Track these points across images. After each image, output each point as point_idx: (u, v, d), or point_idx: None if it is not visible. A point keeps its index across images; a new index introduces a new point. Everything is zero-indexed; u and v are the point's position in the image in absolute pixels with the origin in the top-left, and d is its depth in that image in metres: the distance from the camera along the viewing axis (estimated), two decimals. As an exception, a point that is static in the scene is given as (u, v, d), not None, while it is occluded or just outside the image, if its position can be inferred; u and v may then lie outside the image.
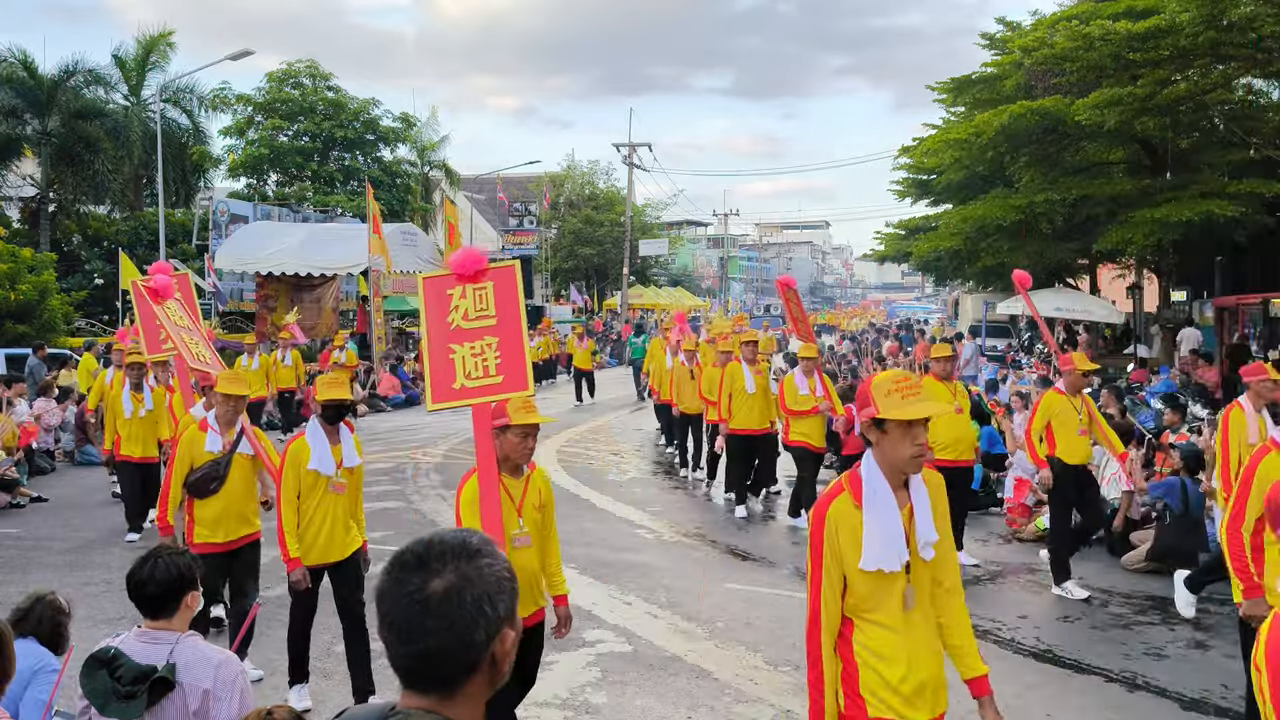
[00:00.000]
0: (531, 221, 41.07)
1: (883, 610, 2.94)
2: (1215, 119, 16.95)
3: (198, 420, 6.27)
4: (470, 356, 4.11)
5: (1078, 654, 6.21)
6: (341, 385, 5.42)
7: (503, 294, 4.21)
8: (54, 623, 3.70)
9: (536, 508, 4.31)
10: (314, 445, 5.30)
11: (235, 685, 2.97)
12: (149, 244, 25.63)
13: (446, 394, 4.10)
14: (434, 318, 4.17)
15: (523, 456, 4.23)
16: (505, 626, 1.42)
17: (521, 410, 4.15)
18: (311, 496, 5.30)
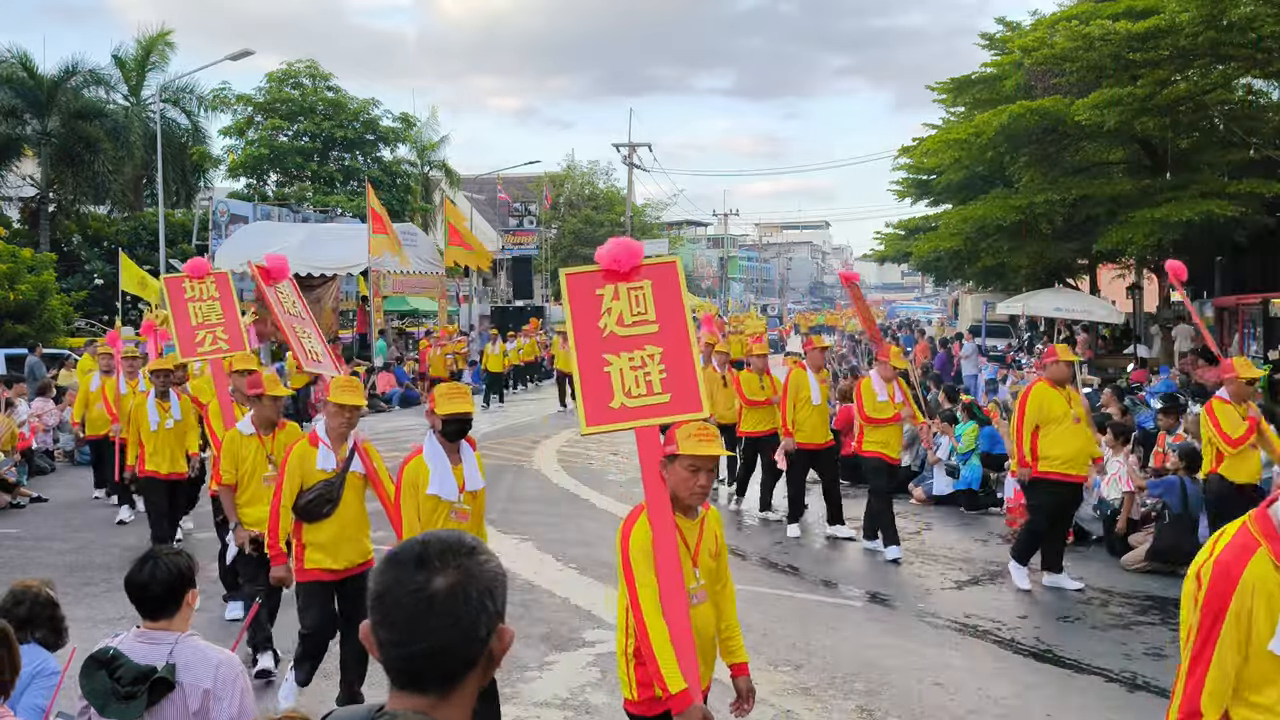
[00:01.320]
0: (531, 221, 41.08)
1: (1267, 691, 2.35)
2: (1215, 119, 16.95)
3: (246, 434, 5.99)
4: (629, 370, 3.54)
5: (1078, 654, 6.20)
6: (464, 397, 4.68)
7: (663, 295, 3.64)
8: (49, 618, 3.66)
9: (712, 555, 3.56)
10: (433, 466, 4.57)
11: (235, 685, 2.97)
12: (149, 244, 25.65)
13: (603, 414, 3.52)
14: (582, 322, 3.61)
15: (694, 495, 3.41)
16: (499, 623, 1.44)
17: (694, 438, 3.36)
18: (430, 526, 4.49)
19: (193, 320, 6.82)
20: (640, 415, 3.52)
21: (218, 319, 6.81)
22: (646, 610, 3.25)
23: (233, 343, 6.80)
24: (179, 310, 6.85)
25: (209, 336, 6.80)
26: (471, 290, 35.60)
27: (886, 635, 6.58)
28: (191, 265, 7.06)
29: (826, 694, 5.57)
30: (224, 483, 5.92)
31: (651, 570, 3.30)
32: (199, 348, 6.80)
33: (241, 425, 6.04)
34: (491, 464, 13.54)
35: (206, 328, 6.81)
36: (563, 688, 5.65)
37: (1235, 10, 13.17)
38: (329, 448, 5.11)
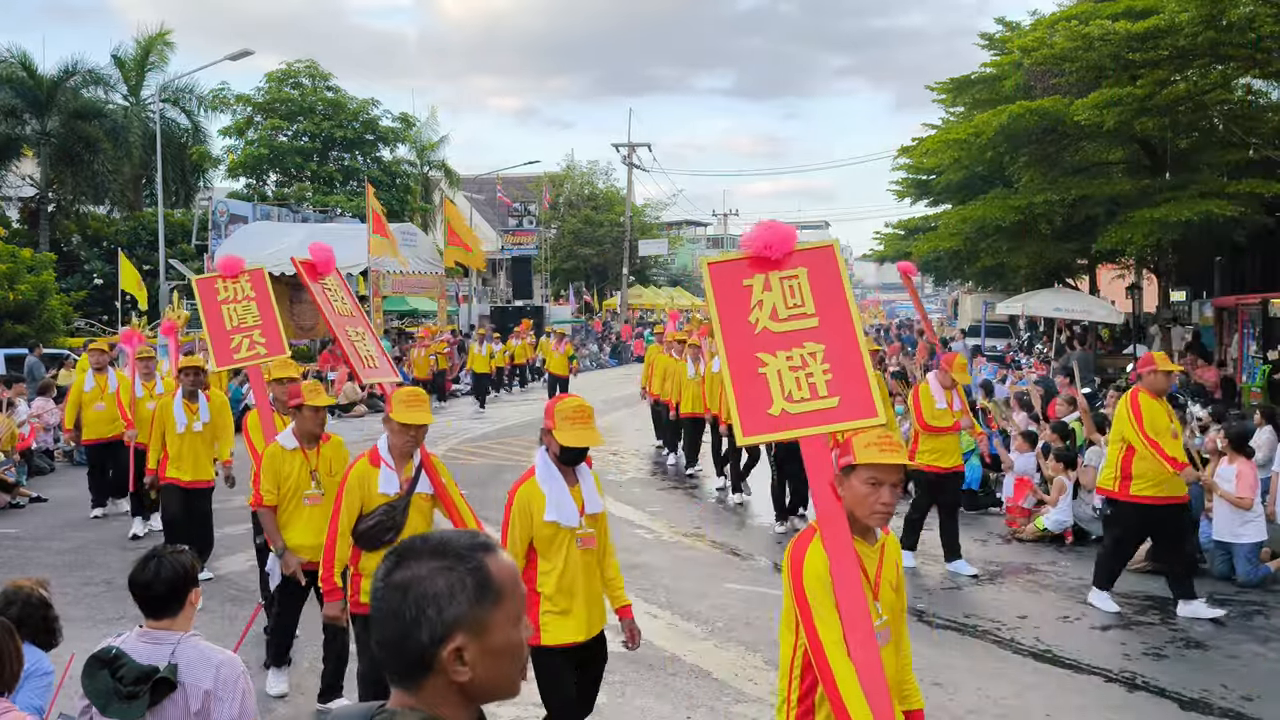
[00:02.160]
0: (531, 221, 41.07)
1: None
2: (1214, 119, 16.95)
3: (288, 448, 5.45)
4: (788, 371, 3.14)
5: (1077, 654, 6.20)
6: (591, 427, 4.05)
7: (822, 283, 3.23)
8: (44, 619, 3.65)
9: (894, 587, 3.07)
10: (549, 489, 4.01)
11: (237, 686, 2.97)
12: (148, 244, 25.66)
13: (761, 423, 3.12)
14: (730, 318, 3.22)
15: (874, 514, 2.94)
16: (455, 632, 1.41)
17: (875, 447, 2.92)
18: (553, 555, 4.00)
19: (228, 324, 6.18)
20: (805, 423, 3.09)
21: (254, 321, 6.21)
22: (831, 652, 2.80)
23: (271, 347, 6.18)
24: (212, 314, 6.20)
25: (245, 341, 6.14)
26: (471, 290, 35.60)
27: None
28: (224, 263, 6.41)
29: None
30: (265, 503, 5.37)
31: (832, 604, 2.84)
32: (235, 354, 6.13)
33: (283, 439, 5.50)
34: (491, 464, 13.56)
35: (242, 331, 6.16)
36: (562, 688, 5.64)
37: (1235, 10, 13.16)
38: (392, 469, 4.58)
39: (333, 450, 5.58)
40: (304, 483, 5.42)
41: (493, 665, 1.44)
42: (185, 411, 7.79)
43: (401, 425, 4.53)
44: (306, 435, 5.47)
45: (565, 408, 4.00)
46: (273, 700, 5.46)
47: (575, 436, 3.94)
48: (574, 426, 3.95)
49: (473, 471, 12.65)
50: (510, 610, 1.47)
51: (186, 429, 7.74)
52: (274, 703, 5.45)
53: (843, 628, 2.84)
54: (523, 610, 1.50)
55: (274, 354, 6.22)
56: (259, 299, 6.32)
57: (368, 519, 4.55)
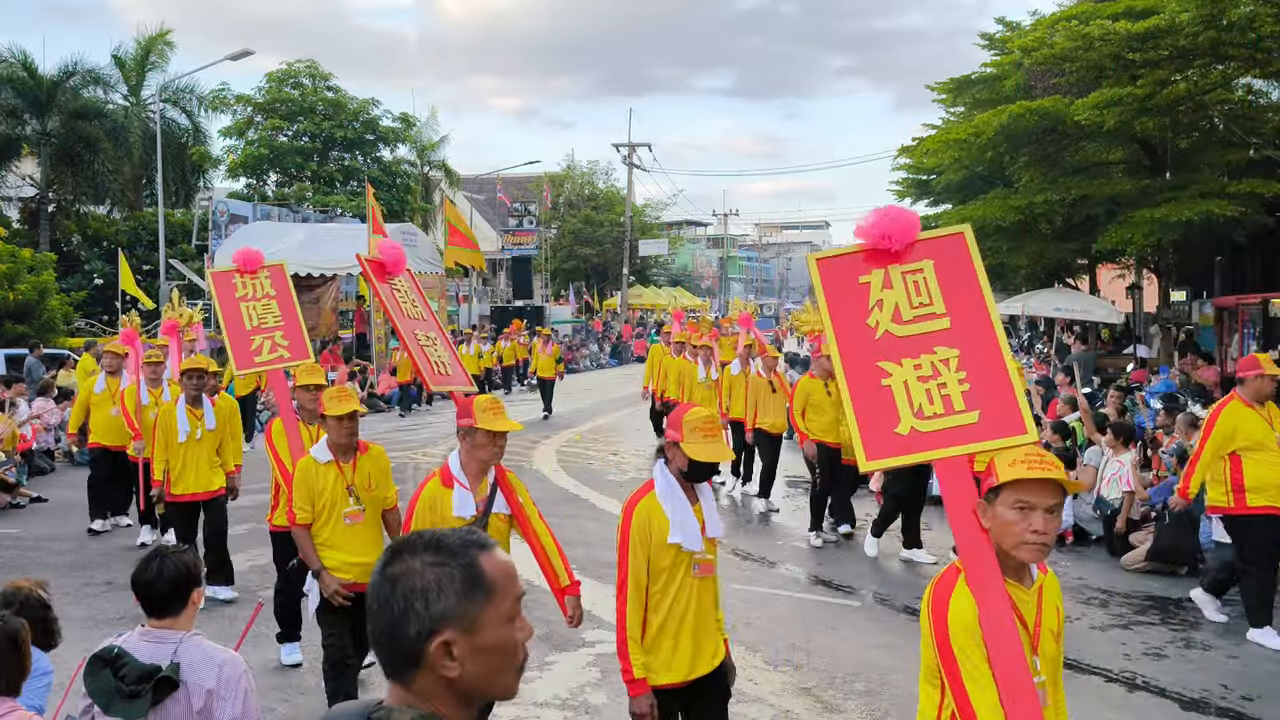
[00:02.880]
0: (531, 221, 41.08)
1: None
2: (1215, 119, 16.95)
3: (322, 461, 4.97)
4: (917, 382, 2.71)
5: (1078, 654, 6.20)
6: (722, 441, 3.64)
7: (952, 277, 2.80)
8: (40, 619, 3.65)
9: (1055, 636, 2.75)
10: (670, 507, 3.56)
11: (239, 685, 2.98)
12: (149, 244, 25.66)
13: (888, 444, 2.69)
14: (845, 321, 2.81)
15: (1026, 547, 2.49)
16: (443, 628, 1.41)
17: (1023, 462, 2.49)
18: (665, 582, 3.56)
19: (247, 323, 5.66)
20: (940, 443, 2.65)
21: (275, 321, 5.70)
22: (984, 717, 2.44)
23: (294, 350, 5.68)
24: (230, 313, 5.67)
25: (266, 343, 5.65)
26: (471, 290, 35.60)
27: (886, 635, 6.58)
28: (242, 257, 5.88)
29: (826, 694, 5.56)
30: (299, 521, 4.96)
31: (985, 661, 2.43)
32: (256, 357, 5.61)
33: (316, 451, 5.04)
34: (491, 464, 13.55)
35: (264, 332, 5.66)
36: (563, 688, 5.65)
37: (1235, 10, 13.16)
38: (466, 488, 4.13)
39: (371, 462, 5.11)
40: (341, 499, 4.97)
41: (483, 662, 1.45)
42: (189, 418, 7.29)
43: (489, 435, 4.09)
44: (338, 447, 5.02)
45: (695, 419, 3.55)
46: (273, 700, 5.47)
47: (708, 451, 3.50)
48: (706, 440, 3.51)
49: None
50: (503, 608, 1.46)
51: (189, 437, 7.24)
52: (274, 702, 5.46)
53: (998, 689, 2.45)
54: (519, 611, 1.50)
55: (297, 357, 5.73)
56: (280, 297, 5.81)
57: None
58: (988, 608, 2.46)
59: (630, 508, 3.59)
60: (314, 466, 4.98)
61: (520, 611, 1.50)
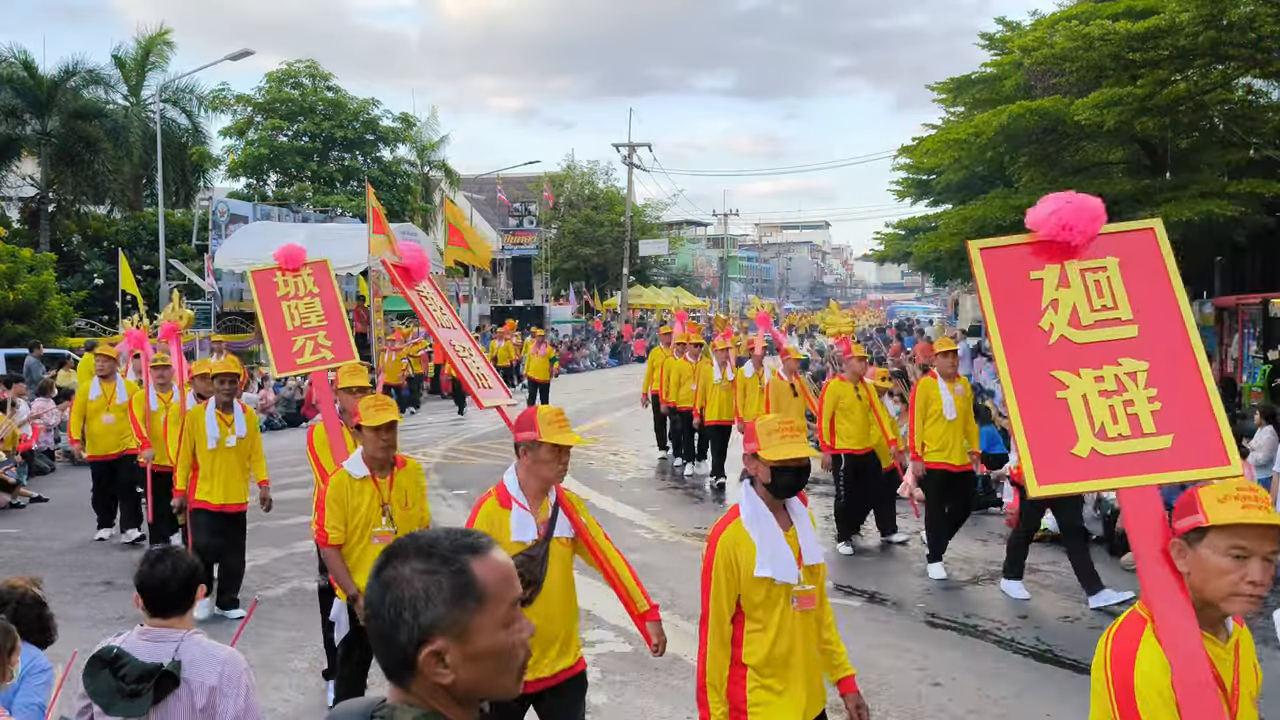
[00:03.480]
0: (531, 221, 41.10)
1: None
2: (1215, 119, 16.95)
3: (357, 476, 4.61)
4: (1098, 397, 2.38)
5: (1078, 654, 6.20)
6: (803, 440, 3.26)
7: (1140, 278, 2.49)
8: (38, 617, 3.66)
9: (1253, 699, 2.34)
10: (759, 534, 3.20)
11: (241, 682, 2.99)
12: (149, 244, 25.68)
13: (1064, 466, 2.36)
14: (1012, 321, 2.49)
15: (1239, 598, 2.17)
16: (434, 636, 1.40)
17: (1236, 500, 2.14)
18: (761, 618, 3.21)
19: (289, 324, 5.35)
20: (1126, 469, 2.32)
21: (318, 321, 5.39)
22: None
23: (338, 350, 5.34)
24: (271, 312, 5.38)
25: (309, 344, 5.33)
26: (471, 290, 35.61)
27: (886, 635, 6.58)
28: (285, 254, 5.56)
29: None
30: (331, 541, 4.58)
31: (1170, 714, 2.08)
32: (298, 359, 5.29)
33: (351, 465, 4.65)
34: (490, 463, 13.56)
35: (306, 333, 5.34)
36: (562, 688, 5.65)
37: (1235, 10, 13.16)
38: (526, 509, 3.67)
39: (409, 478, 4.74)
40: (374, 518, 4.60)
41: (477, 669, 1.43)
42: (219, 424, 6.89)
43: (554, 450, 3.63)
44: (375, 461, 4.63)
45: (769, 423, 3.22)
46: (273, 700, 5.47)
47: (786, 448, 3.15)
48: (784, 440, 3.17)
49: (473, 472, 12.66)
50: (496, 614, 1.44)
51: (219, 444, 6.83)
52: (275, 702, 5.46)
53: None
54: (516, 614, 1.48)
55: (341, 358, 5.41)
56: (323, 295, 5.51)
57: None
58: (1186, 669, 2.10)
59: (715, 536, 3.25)
60: (348, 482, 4.60)
61: (519, 613, 1.49)
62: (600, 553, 3.87)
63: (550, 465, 3.65)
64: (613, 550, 3.92)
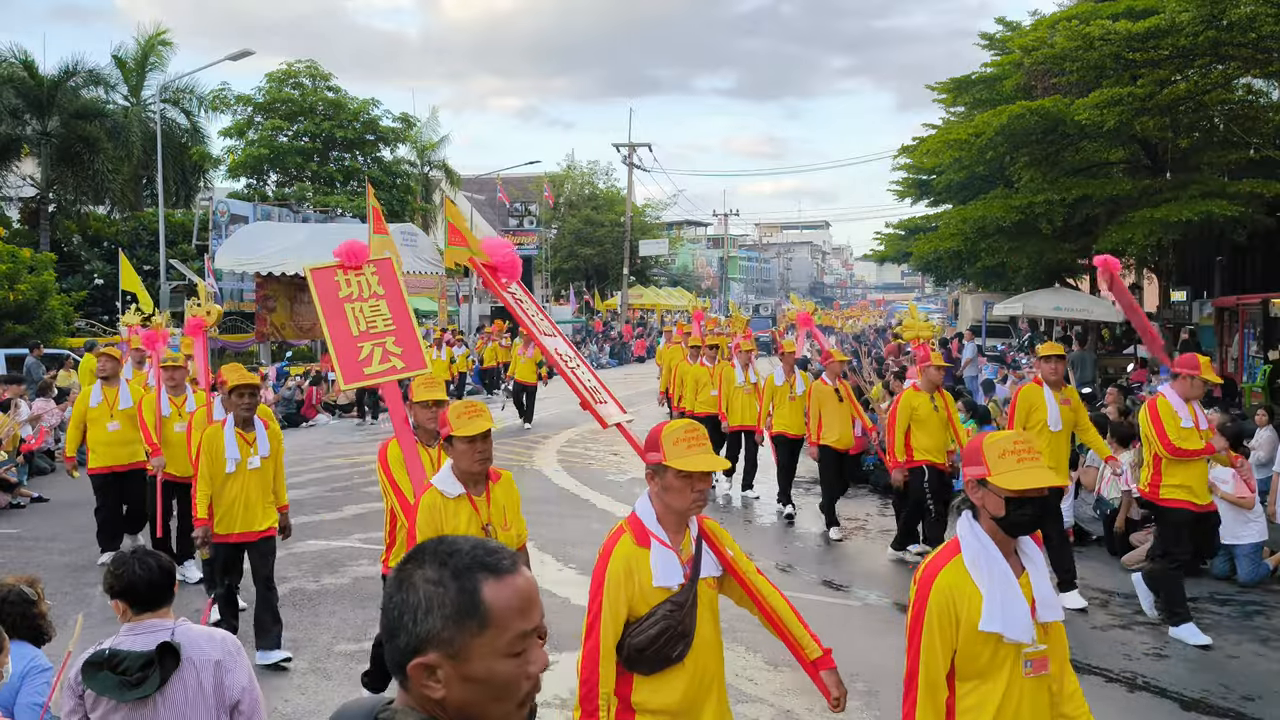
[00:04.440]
0: (531, 221, 41.11)
1: None
2: (1215, 119, 16.95)
3: (451, 495, 4.02)
4: None
5: (1078, 654, 6.19)
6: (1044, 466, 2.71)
7: None
8: (26, 616, 3.66)
9: None
10: (986, 579, 2.68)
11: (240, 655, 3.07)
12: (149, 244, 25.67)
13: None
14: None
15: None
16: (428, 649, 1.37)
17: None
18: (984, 678, 2.71)
19: (354, 329, 4.76)
20: None
21: (385, 326, 4.81)
22: None
23: (409, 359, 4.76)
24: (334, 315, 4.78)
25: (376, 351, 4.77)
26: (472, 290, 35.60)
27: (887, 635, 6.57)
28: (347, 250, 4.92)
29: None
30: None
31: None
32: (365, 368, 4.71)
33: (442, 483, 4.08)
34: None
35: (373, 339, 4.78)
36: (563, 688, 5.64)
37: (1235, 10, 13.16)
38: (668, 546, 3.02)
39: (504, 493, 4.22)
40: None
41: (470, 692, 1.38)
42: (239, 443, 6.06)
43: (682, 476, 2.96)
44: (469, 476, 4.06)
45: (1002, 440, 2.70)
46: (273, 700, 5.47)
47: (1030, 477, 2.60)
48: (1024, 465, 2.63)
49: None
50: (499, 641, 1.38)
51: (240, 466, 6.02)
52: (275, 702, 5.45)
53: None
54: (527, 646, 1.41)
55: (412, 368, 4.79)
56: (390, 297, 4.91)
57: (645, 627, 2.96)
58: None
59: (928, 580, 2.71)
60: (441, 503, 4.00)
61: (532, 645, 1.42)
62: (755, 591, 3.25)
63: (681, 494, 2.99)
64: (769, 586, 3.29)
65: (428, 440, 5.00)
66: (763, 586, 3.28)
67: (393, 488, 5.00)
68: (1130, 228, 16.64)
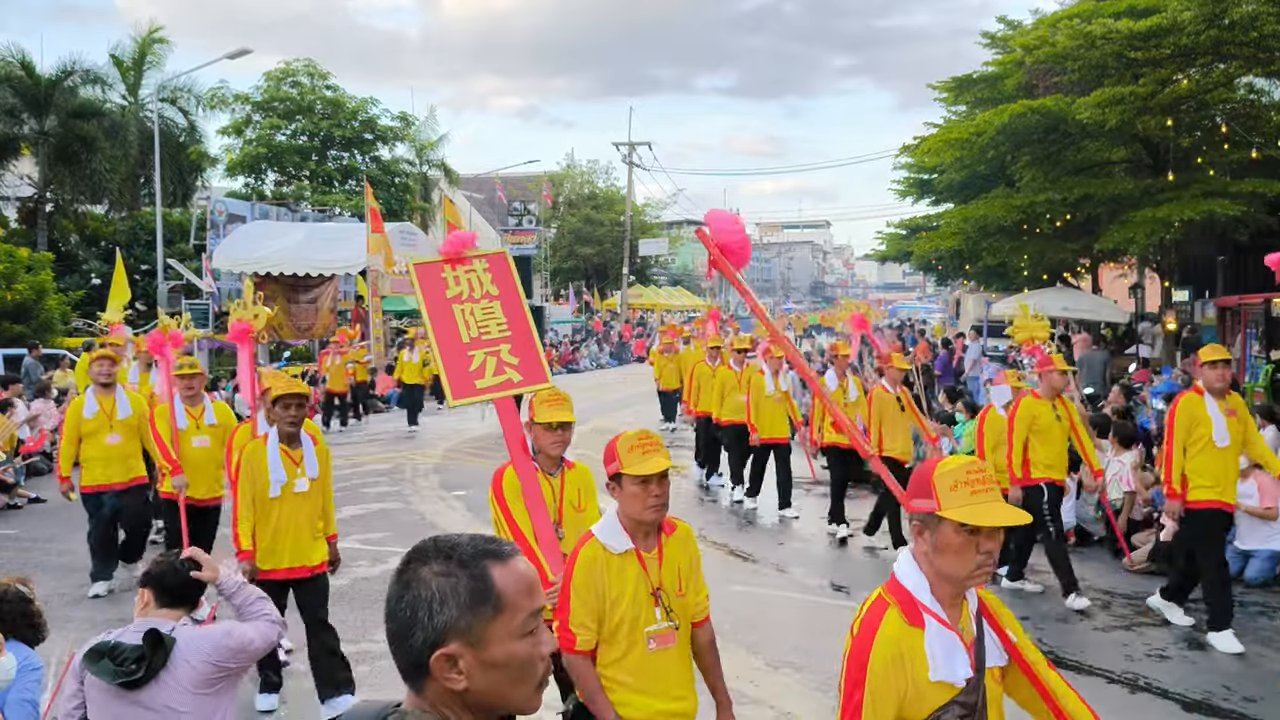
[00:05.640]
0: (531, 221, 41.07)
1: None
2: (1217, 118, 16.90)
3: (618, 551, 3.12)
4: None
5: (1079, 655, 6.16)
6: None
7: None
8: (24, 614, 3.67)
9: None
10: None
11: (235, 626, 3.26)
12: (147, 243, 25.62)
13: None
14: None
15: None
16: (448, 640, 1.38)
17: None
18: None
19: (464, 335, 4.07)
20: None
21: (500, 331, 4.10)
22: None
23: (528, 371, 4.07)
24: (441, 320, 4.08)
25: (490, 361, 4.06)
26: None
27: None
28: (452, 244, 4.27)
29: (828, 696, 5.51)
30: (580, 648, 3.13)
31: None
32: (478, 380, 4.00)
33: (605, 533, 3.19)
34: (490, 464, 13.49)
35: (486, 346, 4.08)
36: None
37: (1237, 9, 13.12)
38: (950, 627, 2.33)
39: (681, 549, 3.29)
40: (644, 611, 3.13)
41: (491, 678, 1.41)
42: (284, 463, 5.17)
43: (965, 533, 2.28)
44: (640, 528, 3.18)
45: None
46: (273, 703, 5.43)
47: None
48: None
49: (473, 473, 12.61)
50: (514, 623, 1.42)
51: (285, 490, 5.13)
52: (275, 704, 5.41)
53: None
54: (536, 625, 1.45)
55: (531, 382, 4.07)
56: (504, 298, 4.20)
57: None
58: None
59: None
60: (603, 559, 3.13)
61: (540, 625, 1.46)
62: (1043, 682, 2.46)
63: (963, 556, 2.28)
64: (1056, 676, 2.50)
65: (550, 468, 4.15)
66: (1050, 678, 2.49)
67: (509, 524, 4.10)
68: (1132, 227, 16.61)
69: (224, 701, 3.14)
